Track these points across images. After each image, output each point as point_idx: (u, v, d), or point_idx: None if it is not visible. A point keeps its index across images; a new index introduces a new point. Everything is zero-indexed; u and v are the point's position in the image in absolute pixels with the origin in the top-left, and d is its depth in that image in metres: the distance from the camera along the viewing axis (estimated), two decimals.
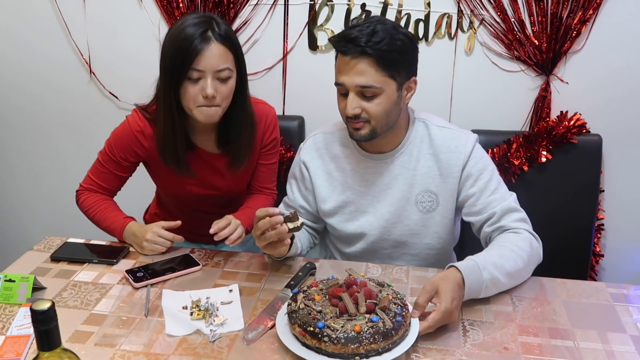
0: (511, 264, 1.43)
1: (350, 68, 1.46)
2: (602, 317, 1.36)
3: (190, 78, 1.50)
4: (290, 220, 1.42)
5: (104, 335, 1.27)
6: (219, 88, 1.52)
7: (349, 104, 1.48)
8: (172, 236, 1.62)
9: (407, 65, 1.51)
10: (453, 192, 1.61)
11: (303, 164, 1.69)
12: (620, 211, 2.20)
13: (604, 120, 2.08)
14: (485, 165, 1.60)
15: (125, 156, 1.69)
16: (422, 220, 1.64)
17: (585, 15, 1.97)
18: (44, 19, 2.29)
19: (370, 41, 1.43)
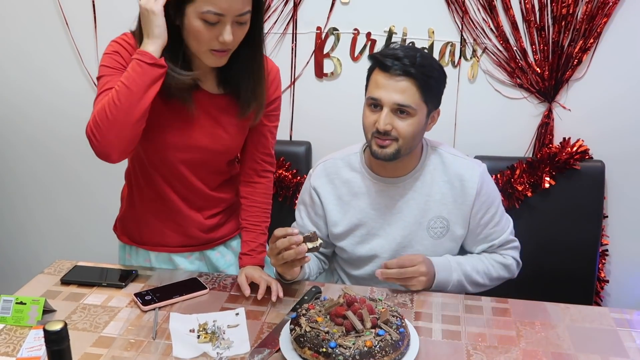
0: (477, 278, 1.63)
1: (392, 85, 1.50)
2: (605, 342, 1.37)
3: (207, 21, 1.34)
4: (309, 240, 1.43)
5: (112, 357, 1.29)
6: (235, 32, 1.38)
7: (382, 119, 1.51)
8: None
9: (439, 95, 1.59)
10: (465, 219, 1.65)
11: (313, 190, 1.71)
12: (624, 237, 2.21)
13: (606, 146, 2.11)
14: (495, 198, 1.67)
15: (123, 60, 1.44)
16: (432, 245, 1.66)
17: (586, 44, 2.01)
18: (57, 45, 2.36)
19: (416, 63, 1.49)
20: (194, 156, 1.58)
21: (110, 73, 1.43)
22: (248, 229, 1.68)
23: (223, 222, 1.74)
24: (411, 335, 1.31)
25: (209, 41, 1.37)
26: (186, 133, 1.54)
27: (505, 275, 1.67)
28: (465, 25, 2.08)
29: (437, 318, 1.45)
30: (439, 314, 1.47)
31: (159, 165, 1.60)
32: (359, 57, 2.17)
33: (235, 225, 1.77)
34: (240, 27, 1.39)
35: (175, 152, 1.56)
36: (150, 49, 1.35)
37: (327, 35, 2.16)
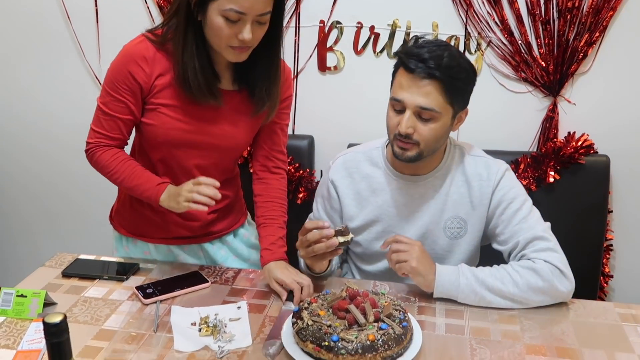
0: (495, 283, 1.45)
1: (415, 87, 1.45)
2: (610, 337, 1.36)
3: (228, 18, 1.35)
4: (341, 234, 1.42)
5: (113, 350, 1.28)
6: (255, 31, 1.39)
7: (404, 122, 1.47)
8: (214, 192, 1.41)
9: (467, 95, 1.54)
10: (482, 220, 1.62)
11: (331, 183, 1.70)
12: (629, 231, 2.20)
13: (611, 140, 2.09)
14: (516, 195, 1.58)
15: (128, 86, 1.48)
16: (448, 245, 1.64)
17: (592, 37, 2.00)
18: (59, 40, 2.35)
19: (442, 65, 1.43)
20: (204, 153, 1.59)
21: (107, 100, 1.51)
22: (265, 224, 1.64)
23: (221, 218, 1.73)
24: (414, 329, 1.30)
25: (229, 38, 1.38)
26: (198, 130, 1.54)
27: (538, 282, 1.44)
28: (470, 18, 2.06)
29: (440, 312, 1.44)
30: (442, 308, 1.46)
31: (167, 161, 1.60)
32: (362, 50, 2.16)
33: (232, 220, 1.77)
34: (260, 27, 1.40)
35: (187, 149, 1.57)
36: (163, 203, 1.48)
37: (331, 28, 2.15)
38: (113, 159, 1.53)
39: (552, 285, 1.44)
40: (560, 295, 1.46)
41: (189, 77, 1.44)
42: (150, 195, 1.49)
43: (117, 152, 1.54)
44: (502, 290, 1.44)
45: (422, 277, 1.46)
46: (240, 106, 1.56)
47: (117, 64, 1.49)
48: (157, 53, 1.47)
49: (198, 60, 1.43)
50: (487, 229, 1.64)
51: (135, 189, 1.52)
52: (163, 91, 1.50)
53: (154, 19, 2.23)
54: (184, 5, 1.39)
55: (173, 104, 1.51)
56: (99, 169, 1.56)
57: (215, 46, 1.43)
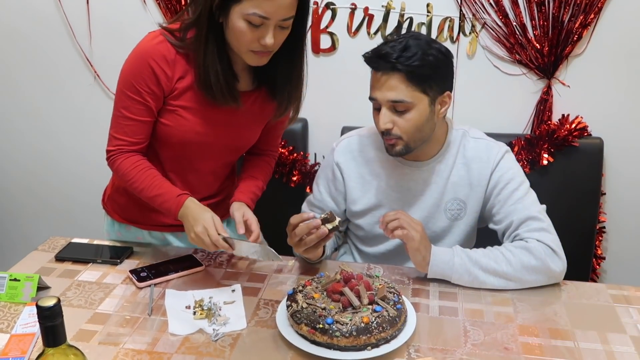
0: (489, 263, 1.46)
1: (382, 84, 1.48)
2: (603, 318, 1.36)
3: (251, 22, 1.33)
4: (328, 222, 1.43)
5: (107, 334, 1.28)
6: (277, 36, 1.37)
7: (381, 119, 1.50)
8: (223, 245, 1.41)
9: (441, 80, 1.52)
10: (479, 201, 1.63)
11: (337, 165, 1.69)
12: (621, 214, 2.21)
13: (605, 123, 2.09)
14: (514, 176, 1.60)
15: (150, 88, 1.44)
16: (448, 226, 1.66)
17: (587, 19, 1.98)
18: (49, 20, 2.31)
19: (402, 56, 1.44)
20: (216, 154, 1.60)
21: (125, 104, 1.46)
22: (244, 179, 1.66)
23: (216, 207, 1.71)
24: (408, 312, 1.31)
25: (250, 42, 1.36)
26: (214, 133, 1.54)
27: (531, 261, 1.45)
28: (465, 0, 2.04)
29: (434, 294, 1.45)
30: (436, 291, 1.46)
31: (176, 159, 1.59)
32: (357, 32, 2.14)
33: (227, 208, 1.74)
34: (282, 31, 1.38)
35: (200, 150, 1.57)
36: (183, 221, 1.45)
37: (324, 10, 2.12)
38: (133, 167, 1.49)
39: (544, 264, 1.46)
40: (552, 274, 1.47)
41: (211, 80, 1.42)
42: (170, 207, 1.46)
43: (138, 160, 1.50)
44: (496, 270, 1.45)
45: (422, 257, 1.46)
46: (254, 106, 1.55)
47: (136, 64, 1.44)
48: (177, 55, 1.44)
49: (220, 63, 1.41)
50: (484, 210, 1.65)
51: (154, 200, 1.48)
52: (183, 94, 1.47)
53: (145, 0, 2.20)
54: (206, 8, 1.35)
55: (192, 107, 1.48)
56: (119, 176, 1.52)
57: (235, 49, 1.40)
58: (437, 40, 2.05)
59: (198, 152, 1.57)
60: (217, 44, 1.39)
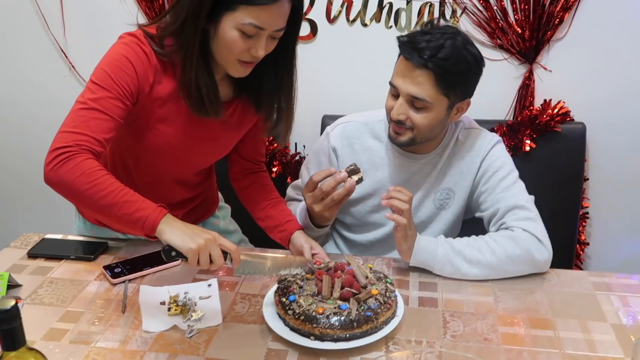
0: (473, 252, 1.44)
1: (409, 75, 1.45)
2: (584, 306, 1.35)
3: (244, 32, 1.25)
4: (354, 173, 1.42)
5: (79, 332, 1.25)
6: (267, 46, 1.30)
7: (396, 109, 1.48)
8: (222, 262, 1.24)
9: (466, 87, 1.51)
10: (468, 189, 1.63)
11: (333, 151, 1.67)
12: (605, 199, 2.20)
13: (587, 108, 2.07)
14: (502, 164, 1.59)
15: (130, 87, 1.29)
16: (434, 214, 1.66)
17: (568, 2, 1.96)
18: (21, 11, 2.25)
19: (436, 56, 1.41)
20: (189, 164, 1.54)
21: (110, 91, 1.27)
22: (273, 204, 1.58)
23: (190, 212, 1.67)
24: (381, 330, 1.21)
25: (241, 52, 1.28)
26: (190, 145, 1.46)
27: (515, 250, 1.43)
28: None
29: (414, 285, 1.43)
30: (416, 282, 1.44)
31: (145, 167, 1.51)
32: (336, 19, 2.10)
33: (201, 213, 1.71)
34: (272, 41, 1.32)
35: (174, 160, 1.49)
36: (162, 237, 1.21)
37: None
38: (99, 169, 1.22)
39: (529, 254, 1.44)
40: (537, 264, 1.46)
41: (202, 92, 1.32)
42: (149, 215, 1.20)
43: (98, 164, 1.23)
44: (480, 260, 1.43)
45: (407, 245, 1.44)
46: (233, 117, 1.47)
47: (118, 59, 1.29)
48: (158, 61, 1.33)
49: (208, 75, 1.33)
50: (471, 199, 1.65)
51: (123, 206, 1.20)
52: (162, 105, 1.37)
53: None
54: (193, 15, 1.24)
55: (170, 118, 1.39)
56: (74, 178, 1.20)
57: (221, 59, 1.32)
58: (418, 25, 2.05)
59: (173, 162, 1.50)
60: (203, 53, 1.30)
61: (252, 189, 1.63)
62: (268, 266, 1.31)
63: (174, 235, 1.19)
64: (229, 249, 1.23)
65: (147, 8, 2.13)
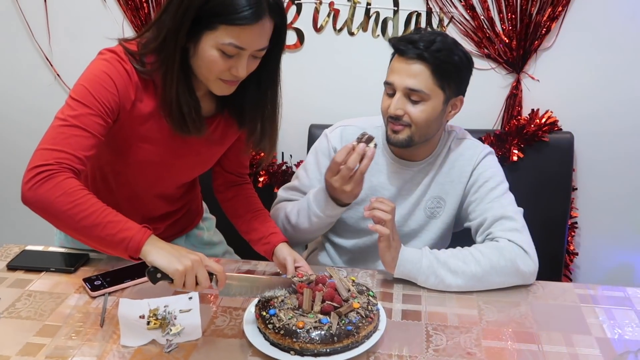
0: (457, 263, 1.42)
1: (405, 69, 1.47)
2: (568, 319, 1.34)
3: (224, 52, 1.22)
4: (369, 141, 1.42)
5: (55, 347, 1.23)
6: (249, 65, 1.27)
7: (394, 104, 1.49)
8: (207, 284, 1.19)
9: (459, 82, 1.54)
10: (458, 198, 1.63)
11: (334, 151, 1.64)
12: (593, 209, 2.19)
13: (575, 117, 2.07)
14: (493, 175, 1.60)
15: (110, 105, 1.25)
16: (425, 223, 1.66)
17: (555, 12, 1.95)
18: (5, 19, 2.23)
19: (430, 48, 1.45)
20: (172, 177, 1.52)
21: (91, 108, 1.23)
22: (256, 216, 1.56)
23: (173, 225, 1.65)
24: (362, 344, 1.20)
25: (221, 72, 1.26)
26: (171, 163, 1.44)
27: (500, 261, 1.42)
28: None
29: (397, 298, 1.41)
30: (400, 294, 1.43)
31: (125, 184, 1.48)
32: (322, 28, 2.09)
33: (184, 224, 1.69)
34: (254, 60, 1.29)
35: (154, 176, 1.47)
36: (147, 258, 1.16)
37: (289, 5, 2.07)
38: (80, 188, 1.18)
39: (514, 265, 1.43)
40: (522, 275, 1.44)
41: (183, 111, 1.30)
42: (133, 236, 1.16)
43: (80, 184, 1.19)
44: (464, 270, 1.42)
45: (391, 257, 1.43)
46: (215, 132, 1.45)
47: (98, 76, 1.26)
48: (139, 79, 1.30)
49: (189, 92, 1.30)
50: (461, 209, 1.64)
51: (107, 227, 1.16)
52: (143, 123, 1.34)
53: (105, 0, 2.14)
54: (173, 33, 1.22)
55: (151, 136, 1.36)
56: (54, 198, 1.16)
57: (202, 77, 1.29)
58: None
59: (154, 177, 1.47)
60: (184, 70, 1.28)
61: (235, 201, 1.61)
62: (252, 287, 1.28)
63: (160, 256, 1.16)
64: (215, 270, 1.19)
65: (132, 17, 2.12)
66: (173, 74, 1.26)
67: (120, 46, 1.31)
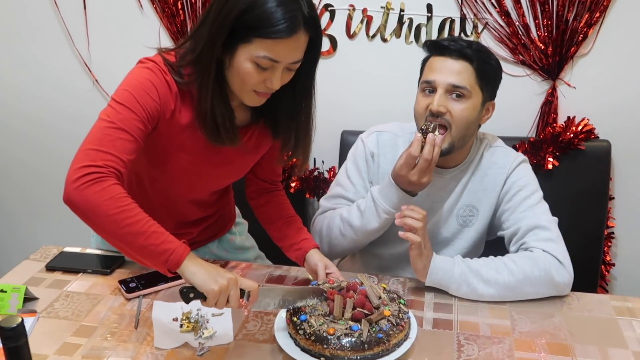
0: (490, 273, 1.41)
1: (447, 67, 1.48)
2: (604, 332, 1.31)
3: (259, 65, 1.23)
4: (434, 130, 1.46)
5: (91, 347, 1.26)
6: (283, 77, 1.28)
7: (437, 100, 1.47)
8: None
9: (495, 84, 1.56)
10: (492, 207, 1.62)
11: (371, 156, 1.66)
12: (631, 219, 2.14)
13: (612, 125, 2.03)
14: (527, 183, 1.58)
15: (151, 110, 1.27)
16: (457, 231, 1.64)
17: (592, 17, 1.92)
18: (46, 26, 2.30)
19: (473, 47, 1.49)
20: (205, 186, 1.54)
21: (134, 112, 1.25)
22: (288, 222, 1.57)
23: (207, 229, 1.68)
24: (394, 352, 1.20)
25: (256, 84, 1.27)
26: (206, 171, 1.47)
27: (534, 271, 1.40)
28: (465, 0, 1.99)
29: (429, 306, 1.41)
30: (432, 302, 1.42)
31: (161, 191, 1.50)
32: (355, 34, 2.10)
33: (216, 229, 1.71)
34: (289, 73, 1.30)
35: (188, 184, 1.49)
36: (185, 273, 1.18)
37: (322, 11, 2.08)
38: (126, 196, 1.18)
39: (548, 275, 1.41)
40: (557, 286, 1.42)
41: (217, 122, 1.31)
42: (176, 249, 1.17)
43: (124, 192, 1.20)
44: (497, 280, 1.40)
45: (422, 265, 1.42)
46: (250, 142, 1.46)
47: (143, 82, 1.28)
48: (178, 90, 1.32)
49: (224, 103, 1.32)
50: (494, 217, 1.63)
51: (151, 237, 1.17)
52: (179, 131, 1.36)
53: (142, 4, 2.17)
54: (209, 45, 1.23)
55: (187, 146, 1.38)
56: (101, 200, 1.15)
57: (236, 89, 1.30)
58: None
59: (189, 185, 1.50)
60: (219, 81, 1.29)
61: (267, 208, 1.63)
62: (284, 299, 1.29)
63: (198, 274, 1.17)
64: (249, 288, 1.20)
65: (168, 24, 2.15)
66: (208, 85, 1.27)
67: (160, 56, 1.33)
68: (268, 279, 1.55)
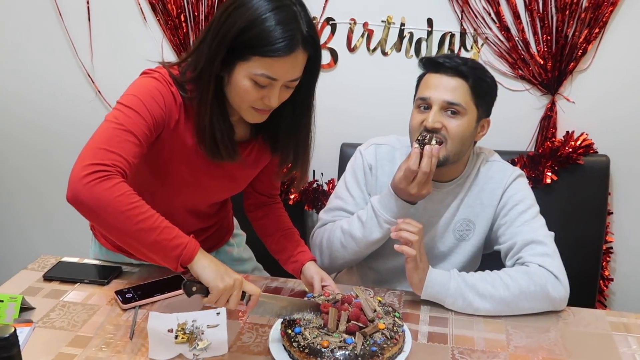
0: (486, 287, 1.41)
1: (442, 84, 1.50)
2: (599, 347, 1.31)
3: (257, 82, 1.25)
4: (430, 141, 1.47)
5: (86, 357, 1.26)
6: (281, 95, 1.29)
7: (432, 117, 1.49)
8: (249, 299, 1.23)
9: (490, 102, 1.57)
10: (488, 221, 1.62)
11: (369, 168, 1.67)
12: (630, 234, 2.14)
13: (611, 140, 2.03)
14: (523, 198, 1.58)
15: (156, 115, 1.27)
16: (454, 246, 1.65)
17: (592, 33, 1.93)
18: (51, 38, 2.32)
19: (468, 64, 1.50)
20: (205, 198, 1.55)
21: (142, 115, 1.25)
22: (286, 235, 1.59)
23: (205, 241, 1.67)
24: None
25: (254, 101, 1.28)
26: (204, 185, 1.48)
27: (530, 286, 1.40)
28: (466, 14, 2.00)
29: (424, 320, 1.40)
30: (427, 316, 1.42)
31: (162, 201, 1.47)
32: (356, 47, 2.11)
33: (215, 241, 1.71)
34: (287, 90, 1.30)
35: (188, 196, 1.50)
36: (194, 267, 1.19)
37: (323, 25, 2.10)
38: (135, 193, 1.19)
39: (544, 290, 1.41)
40: (552, 301, 1.42)
41: (216, 138, 1.32)
42: (188, 244, 1.19)
43: (132, 190, 1.20)
44: (493, 294, 1.40)
45: (418, 278, 1.42)
46: (249, 157, 1.47)
47: (150, 89, 1.29)
48: (182, 102, 1.33)
49: (223, 119, 1.33)
50: (491, 231, 1.63)
51: (164, 232, 1.18)
52: (181, 143, 1.37)
53: (145, 17, 2.20)
54: (209, 62, 1.25)
55: (188, 158, 1.39)
56: (113, 197, 1.15)
57: (235, 106, 1.31)
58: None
59: (188, 197, 1.51)
60: (219, 98, 1.30)
61: (265, 220, 1.63)
62: (282, 308, 1.29)
63: (207, 269, 1.18)
64: (251, 292, 1.22)
65: (171, 36, 2.17)
66: (207, 101, 1.28)
67: (164, 69, 1.34)
68: (265, 290, 1.55)
